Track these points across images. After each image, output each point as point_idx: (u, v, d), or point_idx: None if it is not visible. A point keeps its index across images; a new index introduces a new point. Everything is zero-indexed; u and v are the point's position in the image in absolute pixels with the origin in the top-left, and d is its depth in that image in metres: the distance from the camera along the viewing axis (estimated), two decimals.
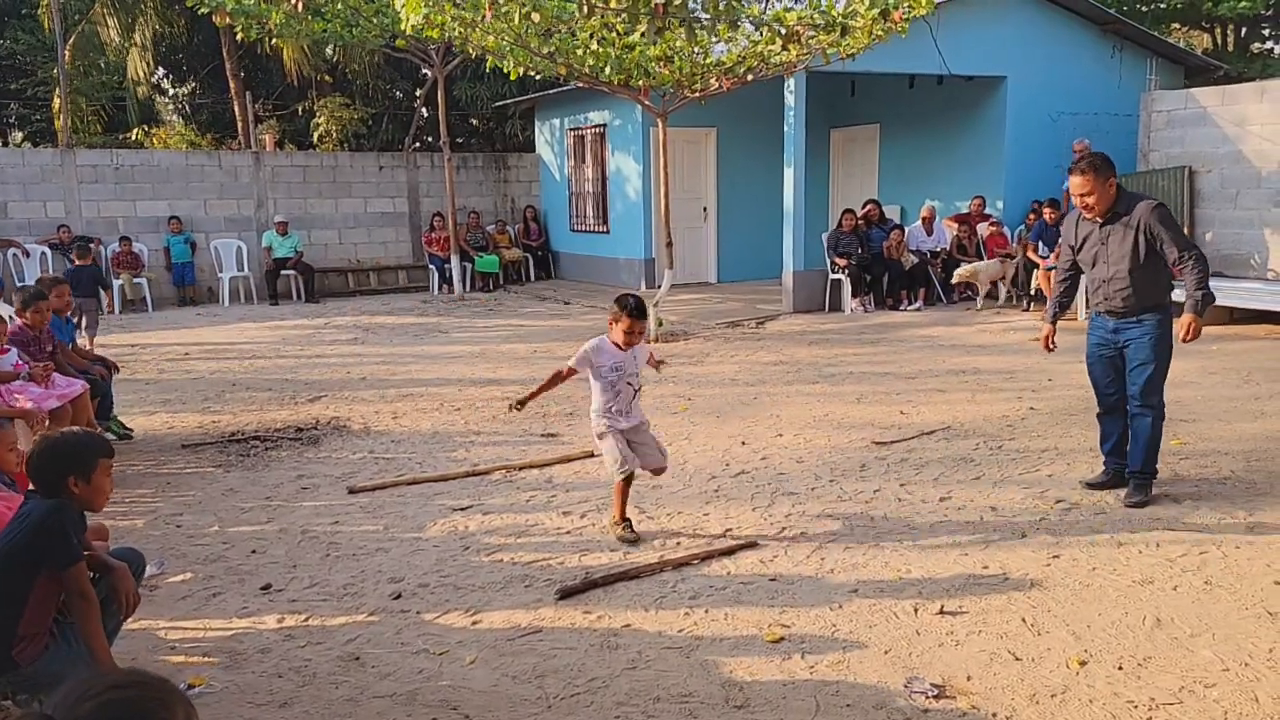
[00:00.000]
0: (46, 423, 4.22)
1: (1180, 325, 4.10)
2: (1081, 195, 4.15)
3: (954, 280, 10.85)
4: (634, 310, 3.83)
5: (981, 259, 11.23)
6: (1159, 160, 10.59)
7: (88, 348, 8.17)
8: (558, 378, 4.01)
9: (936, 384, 6.90)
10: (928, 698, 2.70)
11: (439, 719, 2.65)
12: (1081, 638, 3.03)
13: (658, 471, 4.16)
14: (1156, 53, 12.11)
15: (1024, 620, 3.16)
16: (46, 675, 2.47)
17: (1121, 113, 11.65)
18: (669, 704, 2.70)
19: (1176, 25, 16.45)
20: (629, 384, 3.96)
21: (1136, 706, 2.63)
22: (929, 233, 11.42)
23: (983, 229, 11.28)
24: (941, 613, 3.22)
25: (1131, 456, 4.33)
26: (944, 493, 4.48)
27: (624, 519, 4.02)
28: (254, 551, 3.91)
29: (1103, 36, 11.75)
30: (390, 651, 3.04)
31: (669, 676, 2.85)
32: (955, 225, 11.47)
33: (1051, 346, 4.65)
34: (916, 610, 3.26)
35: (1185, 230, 10.23)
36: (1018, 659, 2.91)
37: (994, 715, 2.61)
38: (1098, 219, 4.22)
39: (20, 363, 4.63)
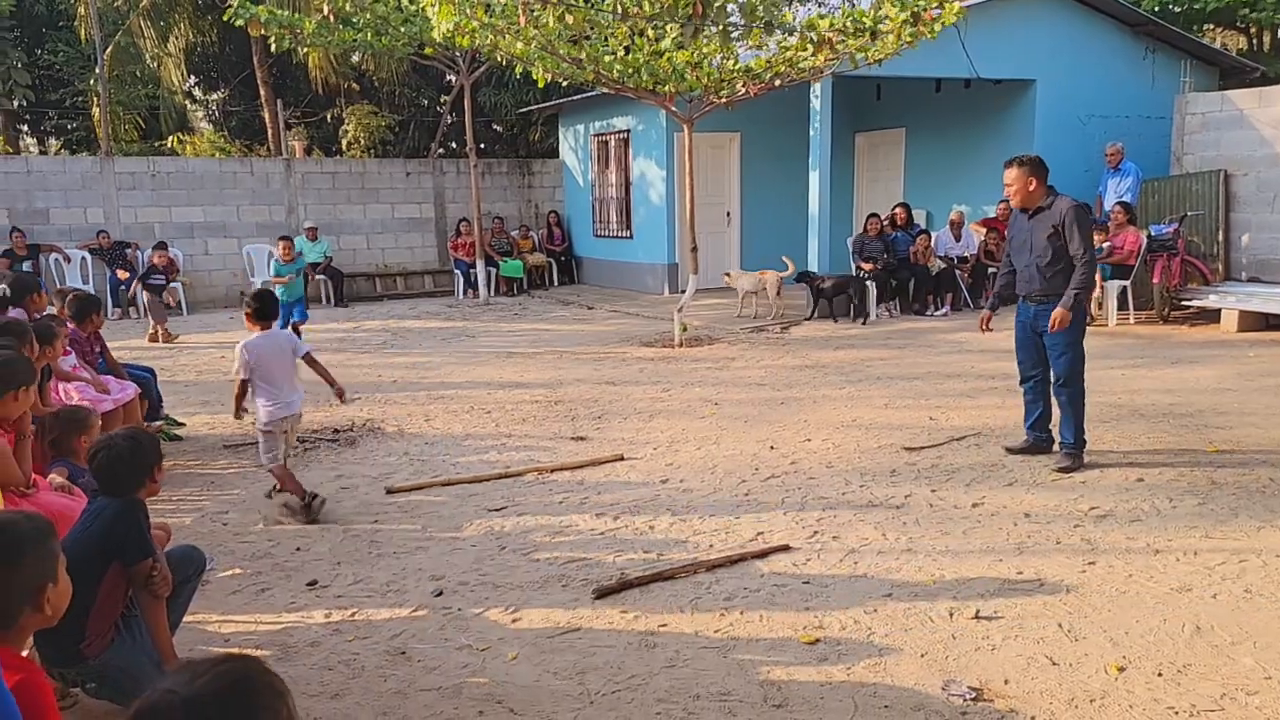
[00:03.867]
0: (99, 425, 4.33)
1: (1053, 316, 4.73)
2: (1006, 185, 4.85)
3: (724, 282, 11.30)
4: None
5: None
6: (1193, 163, 10.49)
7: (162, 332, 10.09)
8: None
9: (965, 389, 6.88)
10: (965, 700, 2.72)
11: (485, 712, 2.71)
12: (1119, 644, 3.03)
13: None
14: (1190, 54, 11.98)
15: (1060, 626, 3.17)
16: (113, 667, 2.57)
17: (1154, 115, 11.55)
18: (708, 702, 2.74)
19: (1210, 26, 16.26)
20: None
21: (1177, 713, 2.64)
22: (957, 238, 11.37)
23: None
24: (977, 617, 3.24)
25: (1062, 431, 4.96)
26: (976, 498, 4.48)
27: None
28: (299, 549, 4.00)
29: (1135, 38, 11.65)
30: (435, 647, 3.11)
31: (707, 675, 2.89)
32: (983, 230, 11.41)
33: (986, 330, 5.27)
34: (951, 614, 3.27)
35: (1220, 235, 10.15)
36: (1055, 664, 2.92)
37: (1033, 719, 2.63)
38: (1026, 211, 4.87)
39: (78, 366, 4.76)
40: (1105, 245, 9.77)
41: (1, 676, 1.20)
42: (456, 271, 14.09)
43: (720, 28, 7.41)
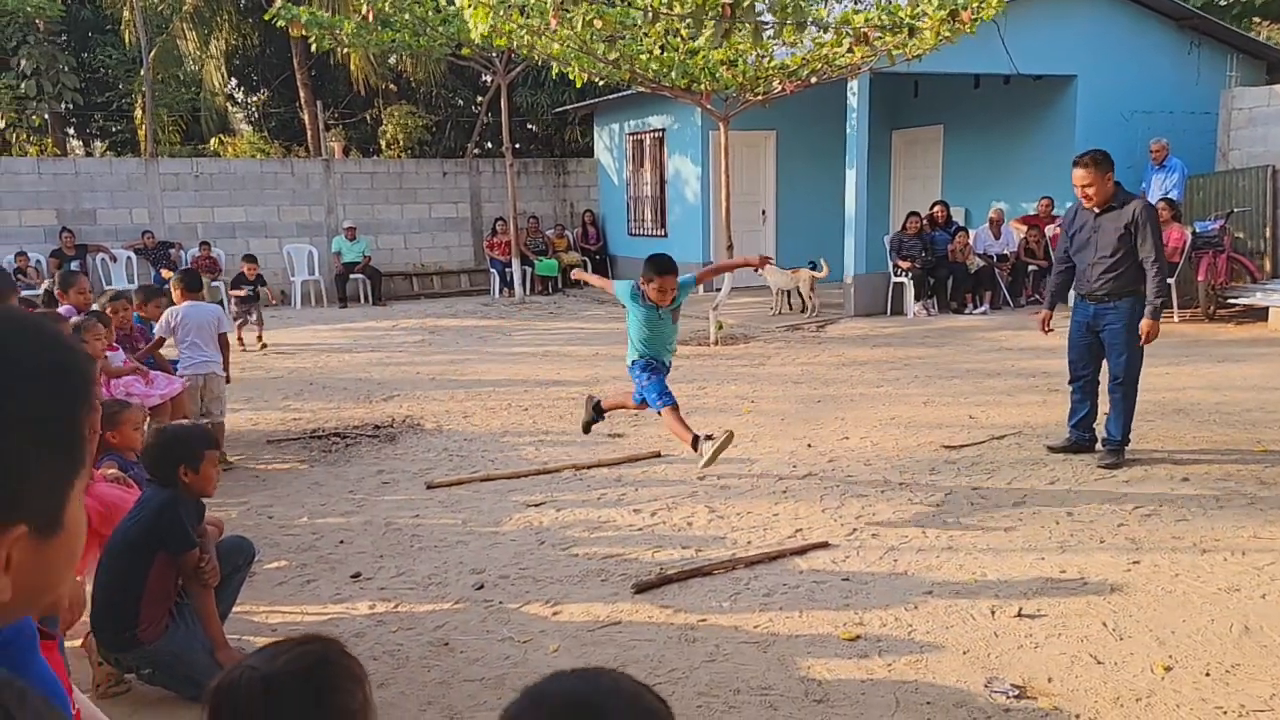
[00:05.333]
0: (148, 418, 4.46)
1: (1141, 330, 4.69)
2: (1082, 186, 4.74)
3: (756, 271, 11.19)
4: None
5: (1051, 261, 11.01)
6: (1239, 159, 10.26)
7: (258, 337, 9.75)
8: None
9: (1005, 387, 6.80)
10: (1009, 698, 2.70)
11: None
12: (1166, 643, 2.99)
13: None
14: (1237, 48, 11.70)
15: (1105, 625, 3.13)
16: (166, 653, 2.65)
17: (1199, 111, 11.29)
18: (749, 696, 2.75)
19: (1258, 19, 15.86)
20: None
21: (1226, 713, 2.60)
22: (996, 236, 11.22)
23: (1051, 231, 11.05)
24: (1019, 615, 3.21)
25: (1110, 427, 4.89)
26: (1018, 496, 4.44)
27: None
28: (342, 542, 4.08)
29: (1179, 32, 11.40)
30: (477, 638, 3.16)
31: (748, 670, 2.90)
32: (1023, 227, 11.25)
33: (1047, 330, 5.27)
34: (994, 612, 3.25)
35: (1268, 231, 9.91)
36: (1100, 662, 2.89)
37: (1077, 717, 2.60)
38: (1095, 209, 4.77)
39: (128, 360, 4.91)
40: None
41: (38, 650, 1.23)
42: (492, 270, 14.21)
43: (751, 26, 7.39)
